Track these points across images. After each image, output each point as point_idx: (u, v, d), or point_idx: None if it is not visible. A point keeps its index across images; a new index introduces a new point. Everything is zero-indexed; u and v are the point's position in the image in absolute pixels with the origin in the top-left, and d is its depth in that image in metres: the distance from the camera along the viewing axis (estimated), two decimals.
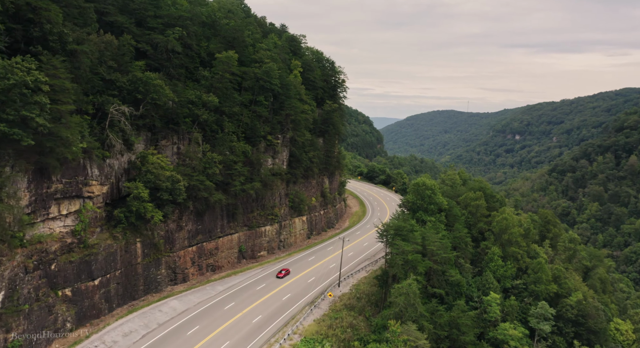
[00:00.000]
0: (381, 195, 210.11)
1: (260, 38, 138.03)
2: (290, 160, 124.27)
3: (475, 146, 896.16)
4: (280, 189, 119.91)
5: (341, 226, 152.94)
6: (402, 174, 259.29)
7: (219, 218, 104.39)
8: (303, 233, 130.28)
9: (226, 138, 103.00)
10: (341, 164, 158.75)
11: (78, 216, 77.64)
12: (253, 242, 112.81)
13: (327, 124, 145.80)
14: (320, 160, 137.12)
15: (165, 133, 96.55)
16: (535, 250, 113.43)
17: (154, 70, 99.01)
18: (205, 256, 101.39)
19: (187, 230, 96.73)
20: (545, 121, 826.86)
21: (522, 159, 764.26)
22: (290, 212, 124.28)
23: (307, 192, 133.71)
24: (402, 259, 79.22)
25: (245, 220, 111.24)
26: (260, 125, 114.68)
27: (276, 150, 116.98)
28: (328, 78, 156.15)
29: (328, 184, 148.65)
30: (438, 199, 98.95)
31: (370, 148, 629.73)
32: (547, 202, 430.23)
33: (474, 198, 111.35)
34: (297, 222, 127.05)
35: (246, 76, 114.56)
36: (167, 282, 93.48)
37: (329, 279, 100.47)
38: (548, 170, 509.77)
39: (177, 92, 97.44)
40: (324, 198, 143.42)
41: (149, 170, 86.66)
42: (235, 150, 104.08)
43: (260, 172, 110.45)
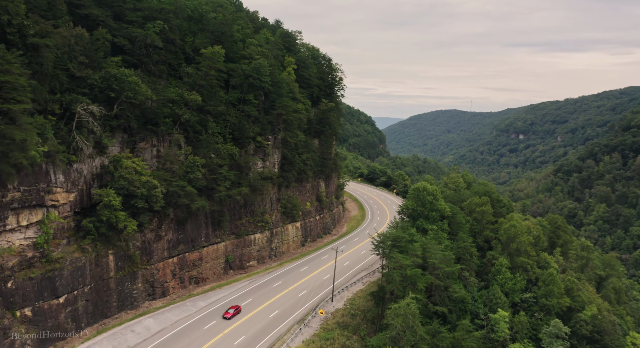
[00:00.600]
0: (381, 198, 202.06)
1: (251, 33, 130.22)
2: (282, 163, 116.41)
3: (478, 146, 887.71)
4: (271, 194, 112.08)
5: (338, 232, 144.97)
6: (404, 175, 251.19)
7: (203, 227, 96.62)
8: (297, 240, 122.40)
9: (210, 139, 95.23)
10: (338, 166, 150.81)
11: (41, 227, 70.01)
12: (241, 251, 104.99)
13: (323, 123, 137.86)
14: (315, 162, 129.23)
15: (143, 134, 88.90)
16: (545, 260, 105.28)
17: (133, 66, 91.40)
18: (188, 268, 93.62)
19: (167, 240, 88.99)
20: (550, 120, 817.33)
21: (527, 159, 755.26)
22: (282, 218, 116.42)
23: (301, 197, 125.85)
24: (400, 275, 71.31)
25: (233, 227, 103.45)
26: (249, 125, 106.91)
27: (266, 153, 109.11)
28: (324, 76, 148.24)
29: (324, 188, 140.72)
30: (440, 206, 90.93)
31: (372, 148, 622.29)
32: (552, 203, 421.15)
33: (479, 203, 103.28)
34: (290, 229, 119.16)
35: (234, 73, 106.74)
36: (145, 297, 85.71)
37: (322, 292, 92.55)
38: (553, 170, 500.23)
39: (157, 90, 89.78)
40: (320, 202, 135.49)
41: (122, 176, 78.90)
42: (221, 153, 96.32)
43: (248, 176, 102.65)
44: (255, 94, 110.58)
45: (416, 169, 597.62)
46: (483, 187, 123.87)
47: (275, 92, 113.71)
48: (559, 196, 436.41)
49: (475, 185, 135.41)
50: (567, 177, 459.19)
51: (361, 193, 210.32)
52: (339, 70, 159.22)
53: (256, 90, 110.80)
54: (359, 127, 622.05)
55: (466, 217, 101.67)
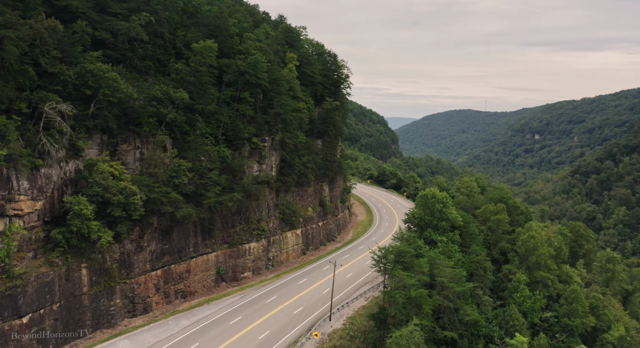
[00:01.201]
0: (391, 201, 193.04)
1: (250, 27, 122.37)
2: (280, 165, 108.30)
3: (493, 146, 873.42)
4: (268, 200, 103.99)
5: (343, 238, 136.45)
6: (415, 177, 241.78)
7: (192, 236, 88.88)
8: (297, 249, 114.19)
9: (199, 141, 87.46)
10: (344, 169, 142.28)
11: (2, 239, 62.85)
12: (235, 261, 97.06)
13: (326, 123, 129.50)
14: (318, 165, 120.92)
15: (125, 136, 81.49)
16: (567, 273, 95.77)
17: (115, 62, 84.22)
18: (174, 281, 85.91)
19: (149, 251, 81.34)
20: (566, 120, 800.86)
21: (542, 159, 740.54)
22: (280, 225, 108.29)
23: (302, 202, 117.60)
24: (404, 296, 62.75)
25: (225, 236, 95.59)
26: (244, 125, 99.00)
27: (262, 155, 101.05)
28: (329, 73, 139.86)
29: (328, 192, 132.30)
30: (451, 214, 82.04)
31: (384, 149, 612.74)
32: (570, 206, 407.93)
33: (494, 211, 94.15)
34: (290, 237, 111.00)
35: (227, 69, 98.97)
36: (124, 314, 78.12)
37: (320, 309, 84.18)
38: (570, 171, 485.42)
39: (139, 87, 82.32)
40: (323, 207, 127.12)
41: (96, 181, 71.38)
42: (211, 156, 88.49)
43: (242, 180, 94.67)
44: (252, 92, 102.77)
45: (429, 170, 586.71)
46: (498, 192, 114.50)
47: (273, 89, 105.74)
48: (577, 198, 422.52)
49: (489, 190, 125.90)
50: (585, 179, 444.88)
51: (370, 196, 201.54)
52: (345, 67, 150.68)
53: (252, 88, 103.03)
54: (371, 127, 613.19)
55: (480, 226, 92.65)
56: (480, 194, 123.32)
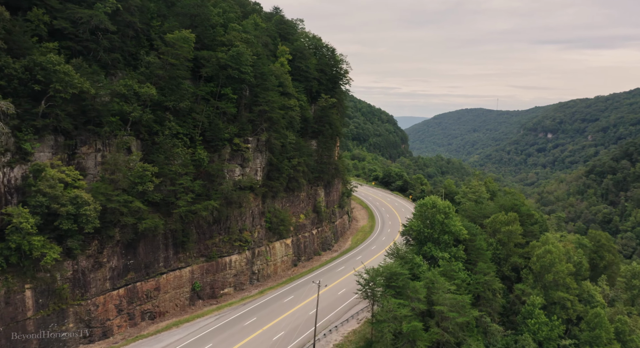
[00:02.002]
0: (395, 204, 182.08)
1: (237, 18, 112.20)
2: (267, 169, 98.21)
3: (505, 145, 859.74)
4: (252, 207, 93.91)
5: (341, 247, 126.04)
6: (422, 178, 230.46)
7: (162, 249, 79.09)
8: (287, 260, 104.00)
9: (168, 142, 77.59)
10: (341, 171, 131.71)
11: None
12: (213, 277, 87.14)
13: (322, 122, 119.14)
14: (311, 167, 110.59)
15: (85, 137, 71.94)
16: (589, 292, 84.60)
17: (77, 54, 74.80)
18: (140, 300, 76.17)
19: (110, 268, 71.67)
20: (579, 119, 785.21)
21: (555, 159, 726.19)
22: (267, 235, 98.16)
23: (293, 208, 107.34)
24: (393, 329, 52.39)
25: (202, 248, 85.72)
26: (225, 125, 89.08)
27: (245, 157, 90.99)
28: (326, 68, 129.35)
29: (323, 196, 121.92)
30: (454, 227, 71.16)
31: (394, 148, 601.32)
32: (585, 208, 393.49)
33: (506, 222, 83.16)
34: (278, 247, 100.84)
35: (206, 62, 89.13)
36: (78, 340, 68.46)
37: (304, 335, 73.80)
38: (585, 171, 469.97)
39: (100, 82, 72.75)
40: (318, 214, 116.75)
41: (40, 190, 61.79)
42: (182, 159, 78.58)
43: (221, 186, 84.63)
44: (234, 88, 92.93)
45: (439, 170, 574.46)
46: (510, 198, 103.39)
47: (259, 85, 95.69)
48: (592, 200, 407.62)
49: (500, 196, 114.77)
50: (601, 179, 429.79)
51: (373, 199, 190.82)
52: (344, 62, 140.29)
53: (236, 83, 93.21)
54: (379, 127, 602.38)
55: (488, 238, 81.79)
56: (490, 200, 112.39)
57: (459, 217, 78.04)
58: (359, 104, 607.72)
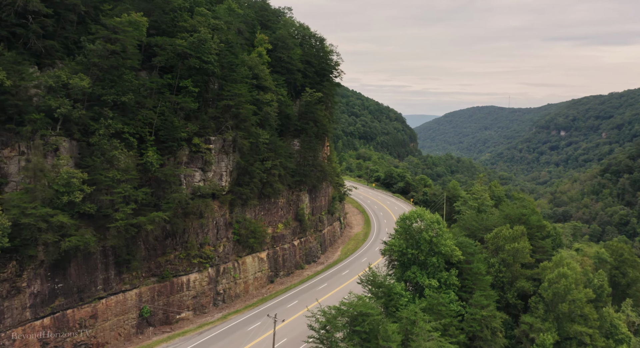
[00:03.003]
0: (394, 208, 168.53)
1: (208, 2, 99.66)
2: (237, 173, 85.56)
3: (517, 143, 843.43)
4: (217, 217, 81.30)
5: (328, 258, 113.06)
6: (426, 179, 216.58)
7: (100, 269, 66.78)
8: (261, 276, 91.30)
9: (105, 143, 65.18)
10: (329, 174, 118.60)
11: None
12: (167, 299, 74.66)
13: (306, 119, 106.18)
14: (290, 170, 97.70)
15: (6, 138, 60.00)
16: (612, 322, 70.74)
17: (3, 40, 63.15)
18: (72, 330, 63.89)
19: (31, 294, 59.52)
20: (593, 116, 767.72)
21: (569, 157, 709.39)
22: (236, 249, 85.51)
23: (269, 217, 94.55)
24: None
25: (153, 267, 73.30)
26: (182, 122, 76.63)
27: (207, 160, 78.33)
28: (312, 59, 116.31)
29: (308, 202, 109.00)
30: (445, 247, 57.71)
31: (402, 147, 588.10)
32: (600, 209, 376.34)
33: (511, 237, 69.33)
34: (250, 263, 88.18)
35: (160, 50, 76.83)
36: None
37: None
38: (600, 170, 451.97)
39: (22, 72, 60.84)
40: (300, 222, 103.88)
41: None
42: (121, 162, 66.13)
43: (173, 194, 72.06)
44: (197, 80, 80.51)
45: (449, 169, 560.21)
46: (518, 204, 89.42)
47: (226, 76, 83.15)
48: (608, 200, 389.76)
49: (506, 203, 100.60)
50: (616, 178, 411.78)
51: (372, 203, 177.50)
52: (335, 53, 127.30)
53: (198, 75, 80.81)
54: (387, 125, 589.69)
55: (490, 258, 68.39)
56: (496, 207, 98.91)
57: (452, 234, 64.53)
58: (366, 102, 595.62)
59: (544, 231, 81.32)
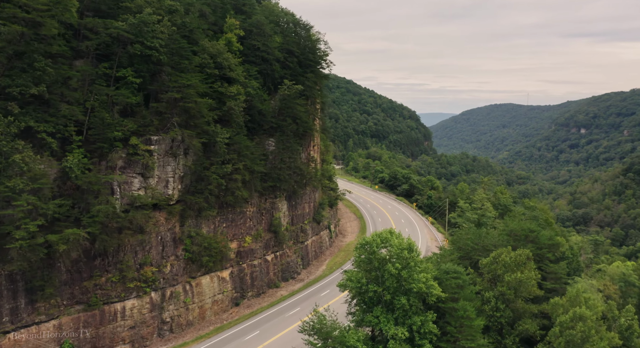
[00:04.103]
0: (395, 214, 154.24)
1: None
2: (190, 179, 72.66)
3: (535, 141, 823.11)
4: (162, 232, 68.48)
5: (310, 274, 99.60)
6: (433, 180, 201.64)
7: (6, 298, 54.35)
8: (222, 299, 78.26)
9: (5, 146, 52.66)
10: (312, 177, 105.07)
11: None
12: (96, 331, 62.01)
13: (283, 115, 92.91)
14: (260, 175, 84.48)
15: None
16: None
17: None
18: None
19: None
20: (614, 113, 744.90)
21: (589, 155, 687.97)
22: (188, 268, 72.61)
23: (234, 229, 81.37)
24: None
25: (77, 293, 60.74)
26: (118, 119, 64.04)
27: (146, 165, 65.49)
28: (294, 48, 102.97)
29: (286, 210, 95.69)
30: (418, 283, 43.23)
31: (415, 145, 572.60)
32: (623, 211, 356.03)
33: (514, 263, 54.57)
34: (206, 284, 75.22)
35: (92, 34, 64.39)
36: None
37: None
38: (622, 169, 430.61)
39: None
40: (275, 234, 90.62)
41: None
42: (22, 169, 53.59)
43: (101, 206, 59.39)
44: (139, 69, 67.94)
45: (464, 168, 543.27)
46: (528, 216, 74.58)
47: (173, 64, 70.37)
48: (631, 202, 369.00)
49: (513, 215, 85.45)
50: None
51: (371, 207, 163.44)
52: (322, 41, 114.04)
53: (143, 63, 68.32)
54: (401, 123, 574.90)
55: (485, 290, 54.19)
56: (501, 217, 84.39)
57: (432, 263, 50.46)
58: (379, 100, 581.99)
59: (558, 251, 66.71)
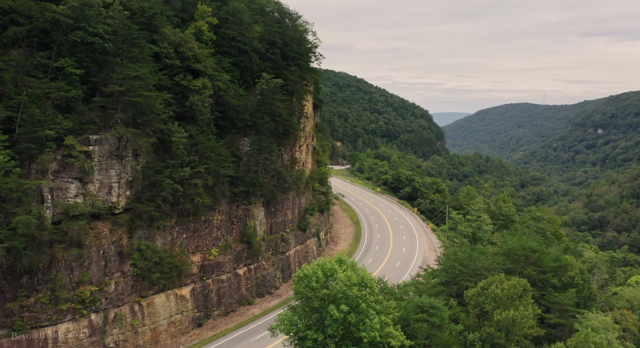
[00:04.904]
0: (395, 220, 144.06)
1: None
2: (143, 184, 63.68)
3: (551, 141, 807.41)
4: (105, 245, 59.59)
5: (290, 289, 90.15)
6: (439, 183, 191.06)
7: None
8: (182, 320, 69.24)
9: None
10: (297, 180, 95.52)
11: None
12: None
13: (259, 113, 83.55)
14: (229, 179, 75.20)
15: None
16: None
17: None
18: None
19: None
20: (633, 113, 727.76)
21: (606, 156, 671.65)
22: (138, 286, 63.65)
23: (196, 241, 72.22)
24: None
25: (0, 316, 52.26)
26: (53, 115, 55.35)
27: (83, 169, 56.61)
28: (276, 38, 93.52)
29: (263, 218, 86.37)
30: (371, 331, 33.24)
31: (427, 145, 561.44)
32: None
33: (506, 297, 44.19)
34: (161, 303, 66.20)
35: (24, 19, 55.90)
36: None
37: None
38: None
39: None
40: (249, 245, 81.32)
41: None
42: None
43: (22, 217, 50.64)
44: (82, 59, 59.35)
45: (476, 169, 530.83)
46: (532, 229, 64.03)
47: (123, 53, 61.48)
48: None
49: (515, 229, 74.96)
50: None
51: (370, 211, 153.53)
52: (310, 32, 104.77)
53: (86, 52, 59.79)
54: (412, 122, 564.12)
55: (469, 331, 44.10)
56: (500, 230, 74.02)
57: (396, 301, 40.38)
58: (390, 99, 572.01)
59: (566, 275, 56.17)
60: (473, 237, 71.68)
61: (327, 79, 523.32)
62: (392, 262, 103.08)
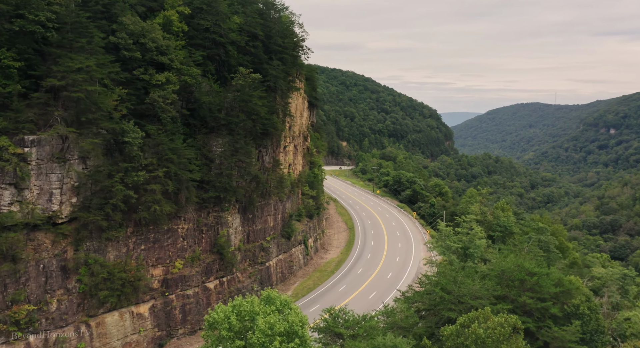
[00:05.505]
0: (392, 225, 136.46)
1: None
2: (91, 190, 56.86)
3: (562, 142, 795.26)
4: (45, 259, 52.87)
5: None
6: (442, 185, 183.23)
7: None
8: (139, 341, 62.39)
9: None
10: (279, 184, 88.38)
11: None
12: None
13: (235, 110, 76.54)
14: (189, 184, 68.00)
15: None
16: None
17: None
18: None
19: None
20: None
21: (619, 157, 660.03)
22: (86, 304, 56.89)
23: (158, 252, 65.27)
24: None
25: None
26: None
27: (17, 174, 49.89)
28: (258, 30, 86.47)
29: (239, 225, 79.34)
30: None
31: (436, 145, 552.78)
32: None
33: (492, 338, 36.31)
34: (114, 323, 59.41)
35: None
36: None
37: None
38: None
39: None
40: (221, 256, 74.33)
41: None
42: None
43: None
44: (22, 51, 52.71)
45: (485, 170, 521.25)
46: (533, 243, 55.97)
47: (68, 43, 54.68)
48: None
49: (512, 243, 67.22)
50: None
51: (367, 215, 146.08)
52: (297, 24, 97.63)
53: (27, 43, 53.16)
54: (420, 122, 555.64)
55: None
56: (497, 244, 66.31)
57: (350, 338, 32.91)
58: (398, 98, 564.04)
59: (570, 302, 48.12)
60: (464, 254, 63.86)
61: (334, 77, 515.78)
62: (384, 273, 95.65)
